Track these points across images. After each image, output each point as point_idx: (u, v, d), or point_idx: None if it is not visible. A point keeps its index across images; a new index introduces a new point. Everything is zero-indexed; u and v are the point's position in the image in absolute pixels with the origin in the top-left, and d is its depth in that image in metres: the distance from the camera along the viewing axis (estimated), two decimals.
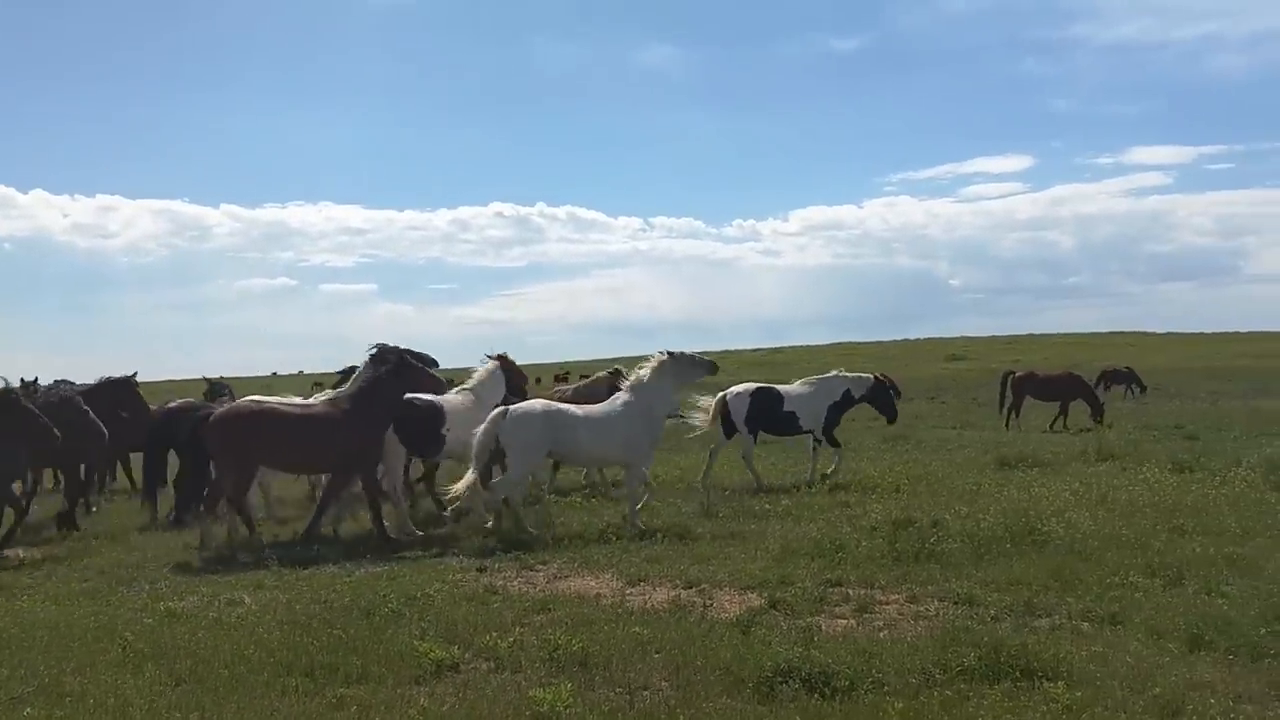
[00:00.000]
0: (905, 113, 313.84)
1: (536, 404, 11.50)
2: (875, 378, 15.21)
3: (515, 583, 8.73)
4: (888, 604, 7.59)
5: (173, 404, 14.58)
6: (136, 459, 14.63)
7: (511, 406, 11.31)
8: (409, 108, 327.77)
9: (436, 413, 11.72)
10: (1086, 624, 6.83)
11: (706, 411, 13.86)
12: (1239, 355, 62.34)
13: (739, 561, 9.05)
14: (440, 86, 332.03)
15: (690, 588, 8.21)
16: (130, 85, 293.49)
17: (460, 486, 10.80)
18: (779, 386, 15.02)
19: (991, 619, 7.01)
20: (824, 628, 6.90)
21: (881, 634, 6.75)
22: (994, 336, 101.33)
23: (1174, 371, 45.49)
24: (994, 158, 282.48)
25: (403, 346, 11.76)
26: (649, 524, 10.87)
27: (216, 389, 19.20)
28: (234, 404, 11.72)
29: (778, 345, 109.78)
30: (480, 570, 9.22)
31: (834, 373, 15.18)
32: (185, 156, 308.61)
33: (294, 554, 10.11)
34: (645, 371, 11.44)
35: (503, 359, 12.94)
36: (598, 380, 15.74)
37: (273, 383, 74.36)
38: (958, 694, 5.48)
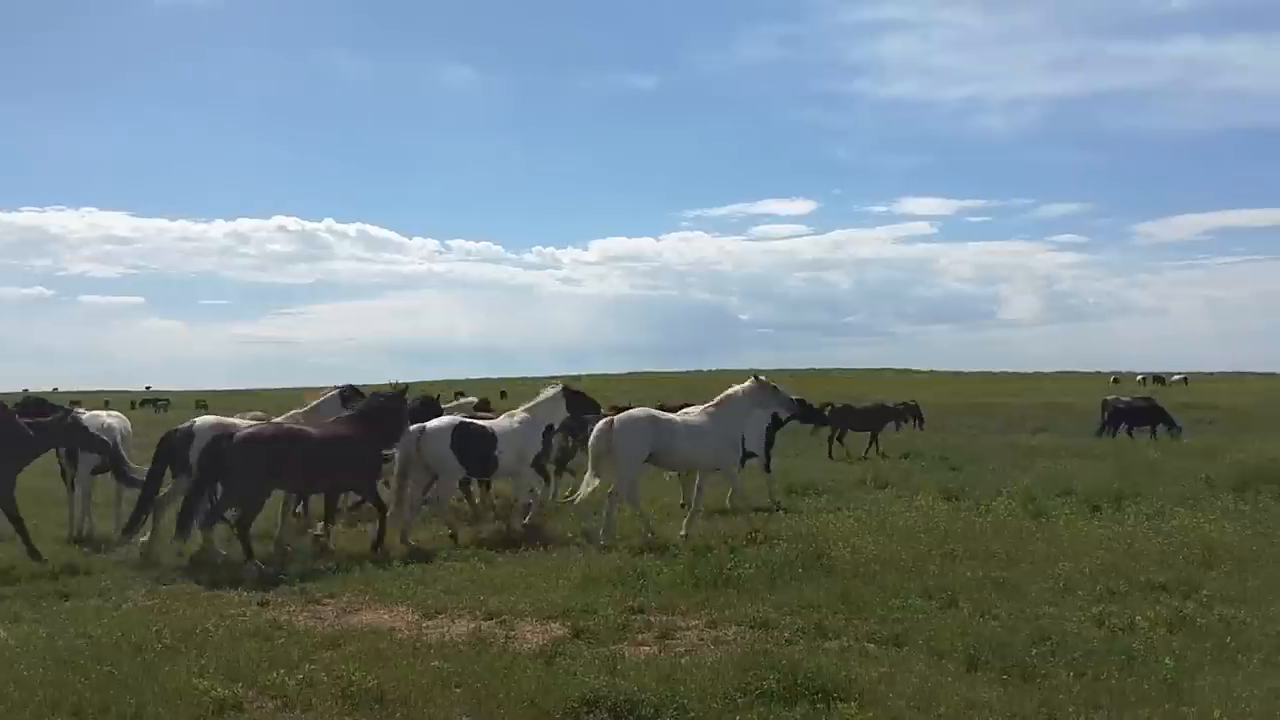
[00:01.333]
0: (700, 151, 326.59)
1: (641, 411, 12.24)
2: None
3: (301, 617, 8.26)
4: (689, 630, 7.68)
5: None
6: None
7: (618, 415, 12.06)
8: (186, 111, 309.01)
9: (490, 437, 12.24)
10: (873, 645, 7.15)
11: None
12: (994, 393, 67.99)
13: (541, 591, 8.93)
14: (223, 90, 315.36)
15: (491, 619, 8.02)
16: None
17: (584, 492, 12.01)
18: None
19: (787, 641, 7.24)
20: (628, 655, 6.88)
21: (683, 660, 6.81)
22: (780, 369, 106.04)
23: (937, 407, 48.81)
24: (781, 200, 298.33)
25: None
26: (450, 554, 10.60)
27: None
28: (262, 425, 11.45)
29: (576, 373, 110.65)
30: (262, 604, 8.67)
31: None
32: None
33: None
34: (738, 390, 12.50)
35: (566, 387, 13.34)
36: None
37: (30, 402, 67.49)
38: (759, 717, 5.60)
